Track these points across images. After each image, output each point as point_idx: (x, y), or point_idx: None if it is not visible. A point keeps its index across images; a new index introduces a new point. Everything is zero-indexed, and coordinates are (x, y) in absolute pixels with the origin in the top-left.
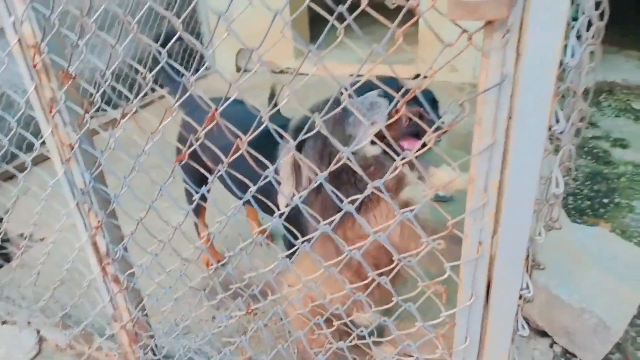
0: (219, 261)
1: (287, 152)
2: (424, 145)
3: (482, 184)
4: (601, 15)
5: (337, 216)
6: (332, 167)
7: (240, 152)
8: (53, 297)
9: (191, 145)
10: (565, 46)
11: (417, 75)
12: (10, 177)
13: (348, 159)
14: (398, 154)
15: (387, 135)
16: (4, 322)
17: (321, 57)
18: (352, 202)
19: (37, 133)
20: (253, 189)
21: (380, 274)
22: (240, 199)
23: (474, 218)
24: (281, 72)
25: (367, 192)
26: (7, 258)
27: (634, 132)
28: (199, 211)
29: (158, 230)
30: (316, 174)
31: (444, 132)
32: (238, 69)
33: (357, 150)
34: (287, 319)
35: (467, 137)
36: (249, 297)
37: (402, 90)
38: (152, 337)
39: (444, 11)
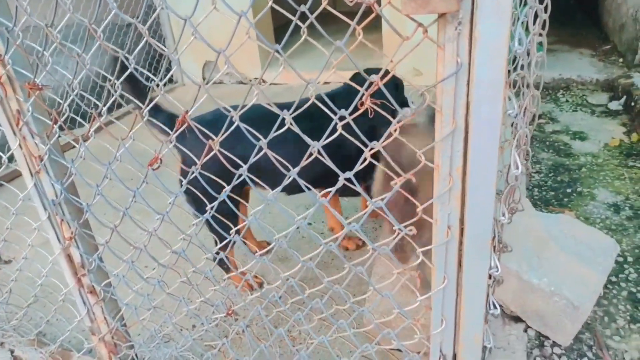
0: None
1: None
2: (389, 135)
3: (447, 170)
4: (545, 9)
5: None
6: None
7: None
8: (27, 315)
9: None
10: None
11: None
12: None
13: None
14: (366, 146)
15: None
16: None
17: (285, 57)
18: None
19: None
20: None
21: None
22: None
23: (442, 203)
24: (250, 81)
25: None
26: None
27: (591, 125)
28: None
29: (134, 239)
30: None
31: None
32: (206, 81)
33: None
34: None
35: None
36: (228, 297)
37: (367, 83)
38: (132, 347)
39: (399, 7)
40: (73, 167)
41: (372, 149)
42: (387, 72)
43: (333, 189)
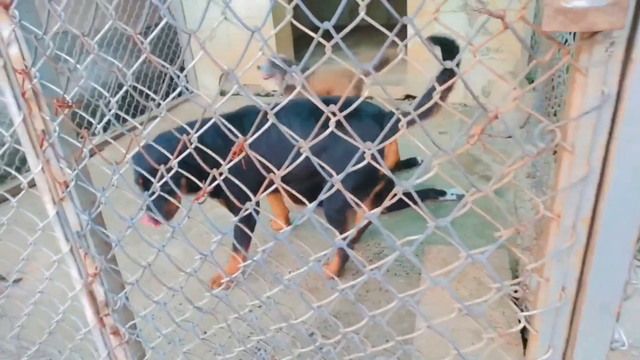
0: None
1: None
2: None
3: (571, 221)
4: None
5: None
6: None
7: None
8: (38, 351)
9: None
10: None
11: (407, 96)
12: None
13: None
14: None
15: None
16: None
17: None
18: None
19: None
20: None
21: None
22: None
23: (559, 260)
24: (267, 95)
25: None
26: None
27: None
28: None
29: (166, 276)
30: None
31: None
32: (222, 93)
33: None
34: None
35: (466, 157)
36: (273, 349)
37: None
38: None
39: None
40: (104, 196)
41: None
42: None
43: (386, 202)
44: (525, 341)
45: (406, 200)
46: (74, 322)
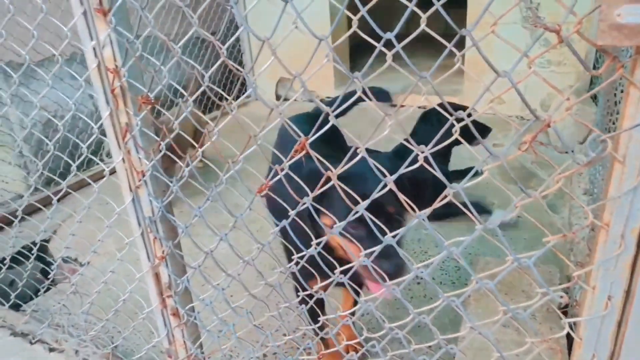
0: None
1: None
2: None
3: (620, 231)
4: None
5: None
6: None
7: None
8: (104, 327)
9: (274, 176)
10: None
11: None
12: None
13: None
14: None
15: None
16: (51, 350)
17: (365, 82)
18: None
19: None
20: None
21: None
22: None
23: (605, 268)
24: (321, 101)
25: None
26: (53, 281)
27: None
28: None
29: (226, 263)
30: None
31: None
32: (277, 98)
33: None
34: None
35: (520, 171)
36: (320, 340)
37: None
38: None
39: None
40: (175, 186)
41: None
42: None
43: (436, 204)
44: (569, 350)
45: (457, 204)
46: (138, 301)
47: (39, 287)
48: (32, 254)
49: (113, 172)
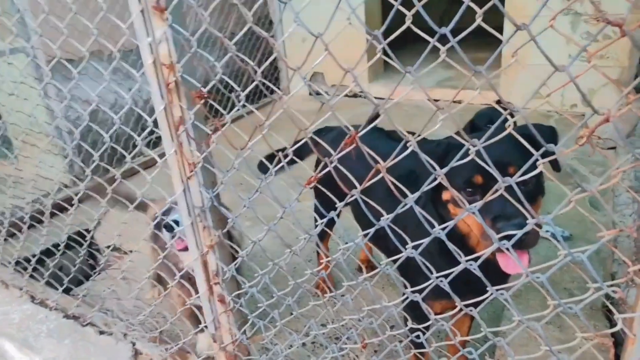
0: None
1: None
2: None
3: None
4: None
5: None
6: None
7: (379, 176)
8: (152, 311)
9: (324, 168)
10: None
11: (498, 102)
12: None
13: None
14: None
15: None
16: (101, 333)
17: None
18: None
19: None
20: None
21: None
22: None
23: None
24: (354, 95)
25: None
26: (96, 268)
27: None
28: (323, 237)
29: (272, 252)
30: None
31: None
32: (310, 93)
33: None
34: None
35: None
36: (363, 330)
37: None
38: None
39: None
40: (226, 177)
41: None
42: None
43: (488, 196)
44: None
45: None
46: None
47: (89, 272)
48: (85, 240)
49: (149, 166)
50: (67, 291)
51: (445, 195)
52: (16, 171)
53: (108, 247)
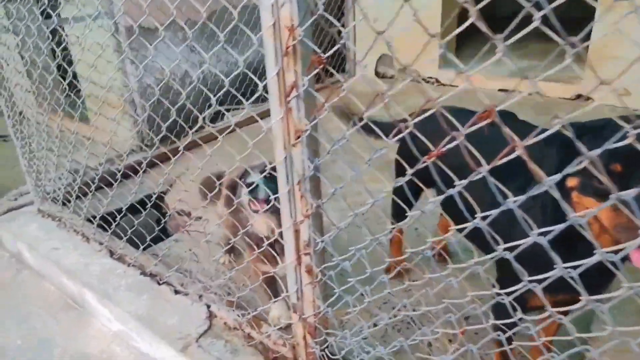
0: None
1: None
2: None
3: None
4: None
5: None
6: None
7: (513, 154)
8: (231, 277)
9: (449, 142)
10: None
11: (579, 96)
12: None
13: None
14: None
15: None
16: (177, 292)
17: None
18: None
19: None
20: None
21: None
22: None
23: None
24: (424, 80)
25: None
26: (167, 232)
27: None
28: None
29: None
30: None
31: None
32: (377, 74)
33: None
34: None
35: None
36: (462, 317)
37: None
38: (331, 335)
39: None
40: (337, 145)
41: None
42: None
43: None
44: None
45: None
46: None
47: (160, 234)
48: (150, 202)
49: (210, 139)
50: (143, 249)
51: (571, 182)
52: (94, 133)
53: (178, 212)
